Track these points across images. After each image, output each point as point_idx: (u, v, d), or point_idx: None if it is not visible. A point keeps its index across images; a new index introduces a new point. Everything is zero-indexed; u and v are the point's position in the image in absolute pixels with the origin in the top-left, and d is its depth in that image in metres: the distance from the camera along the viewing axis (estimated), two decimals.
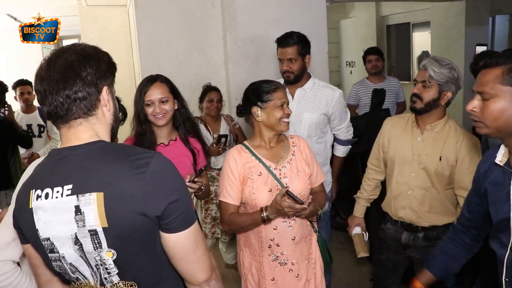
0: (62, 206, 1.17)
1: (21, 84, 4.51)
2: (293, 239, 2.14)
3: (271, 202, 2.01)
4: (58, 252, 1.22)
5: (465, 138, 2.24)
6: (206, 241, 3.56)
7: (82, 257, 1.22)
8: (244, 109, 2.19)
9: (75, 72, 1.17)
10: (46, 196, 1.18)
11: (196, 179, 2.09)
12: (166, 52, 4.15)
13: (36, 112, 4.62)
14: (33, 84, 1.27)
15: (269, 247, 2.13)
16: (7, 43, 7.72)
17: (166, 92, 2.23)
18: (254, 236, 2.14)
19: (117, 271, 1.23)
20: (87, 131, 1.22)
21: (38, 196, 1.19)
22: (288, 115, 2.12)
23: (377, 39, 8.83)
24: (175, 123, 2.33)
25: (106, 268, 1.22)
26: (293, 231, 2.14)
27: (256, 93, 2.11)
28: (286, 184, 2.10)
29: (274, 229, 2.10)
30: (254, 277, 2.17)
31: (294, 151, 2.20)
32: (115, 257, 1.20)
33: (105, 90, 1.23)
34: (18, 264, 1.60)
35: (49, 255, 1.24)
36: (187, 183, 1.92)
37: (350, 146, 3.12)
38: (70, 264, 1.23)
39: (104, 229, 1.16)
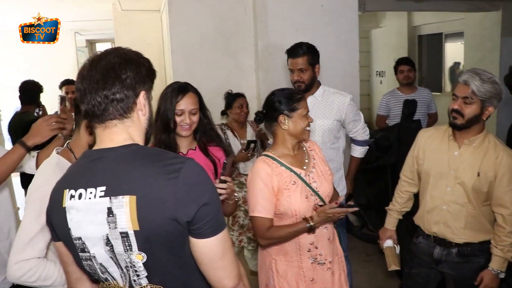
0: (94, 207, 1.18)
1: (67, 83, 4.61)
2: (328, 239, 2.19)
3: (318, 212, 2.03)
4: (89, 252, 1.24)
5: (505, 154, 2.16)
6: None
7: (112, 258, 1.23)
8: (267, 117, 2.18)
9: (116, 73, 1.20)
10: (80, 196, 1.20)
11: (223, 177, 1.93)
12: (198, 57, 4.19)
13: None
14: None
15: (308, 251, 2.14)
16: (43, 45, 7.94)
17: (196, 103, 2.16)
18: (291, 244, 2.13)
19: (146, 274, 1.23)
20: (121, 133, 1.24)
21: (72, 196, 1.21)
22: (309, 124, 2.16)
23: (408, 49, 8.71)
24: (195, 132, 2.25)
25: (136, 271, 1.23)
26: (328, 232, 2.19)
27: (284, 102, 2.11)
28: (317, 188, 2.13)
29: (313, 233, 2.12)
30: (291, 284, 2.15)
31: (313, 155, 2.24)
32: (144, 260, 1.20)
33: (142, 94, 1.25)
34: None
35: (80, 254, 1.25)
36: (216, 185, 1.86)
37: (367, 147, 3.16)
38: (100, 264, 1.25)
39: (135, 232, 1.17)
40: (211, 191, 1.24)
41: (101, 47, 9.87)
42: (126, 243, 1.19)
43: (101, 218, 1.18)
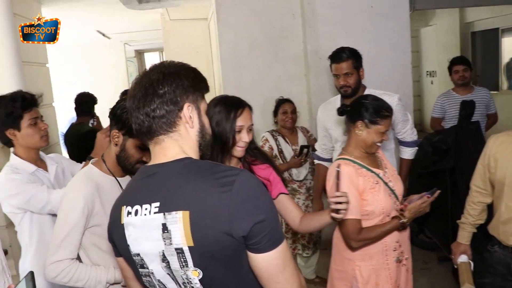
0: (150, 223, 1.18)
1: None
2: (408, 236, 2.24)
3: (409, 209, 2.07)
4: (147, 268, 1.23)
5: None
6: None
7: (169, 275, 1.21)
8: (350, 115, 2.17)
9: (154, 90, 1.19)
10: (136, 213, 1.20)
11: (341, 191, 1.76)
12: (247, 64, 4.20)
13: None
14: None
15: (394, 250, 2.13)
16: (95, 57, 8.24)
17: (252, 119, 1.90)
18: (376, 245, 2.11)
19: None
20: (172, 147, 1.22)
21: (129, 213, 1.22)
22: (382, 140, 2.15)
23: (460, 47, 8.40)
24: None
25: (192, 287, 1.20)
26: (407, 229, 2.20)
27: (370, 112, 2.09)
28: (393, 187, 2.14)
29: (404, 230, 2.14)
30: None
31: (381, 157, 2.25)
32: (200, 276, 1.18)
33: (186, 107, 1.21)
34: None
35: (140, 270, 1.26)
36: (333, 199, 1.71)
37: (417, 148, 3.07)
38: (159, 280, 1.24)
39: (190, 248, 1.15)
40: (267, 204, 1.19)
41: (149, 57, 10.14)
42: (182, 259, 1.17)
43: (157, 234, 1.17)
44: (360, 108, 2.11)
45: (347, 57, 2.78)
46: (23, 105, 2.10)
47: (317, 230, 3.55)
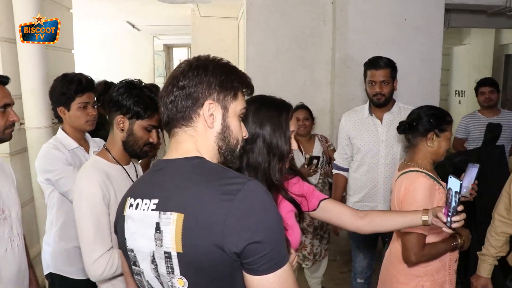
0: (146, 220, 1.12)
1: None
2: None
3: (468, 234, 2.04)
4: (139, 266, 1.18)
5: None
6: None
7: (157, 278, 1.15)
8: (414, 130, 2.10)
9: (176, 81, 1.15)
10: (136, 206, 1.16)
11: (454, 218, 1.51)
12: (273, 66, 4.16)
13: None
14: None
15: (456, 261, 2.10)
16: (123, 47, 8.31)
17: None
18: (442, 259, 2.06)
19: None
20: (185, 142, 1.16)
21: (131, 205, 1.17)
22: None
23: (492, 69, 8.20)
24: None
25: None
26: None
27: (436, 121, 2.05)
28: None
29: (461, 249, 2.11)
30: None
31: None
32: (186, 286, 1.10)
33: (207, 104, 1.13)
34: None
35: (132, 267, 1.21)
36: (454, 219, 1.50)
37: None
38: (148, 282, 1.18)
39: (178, 254, 1.07)
40: (270, 222, 1.06)
41: (177, 52, 10.20)
42: (169, 265, 1.09)
43: (150, 233, 1.11)
44: (428, 119, 2.06)
45: (386, 65, 2.76)
46: (77, 89, 2.24)
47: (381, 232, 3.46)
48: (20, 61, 3.01)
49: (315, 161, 3.33)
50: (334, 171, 3.12)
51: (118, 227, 1.23)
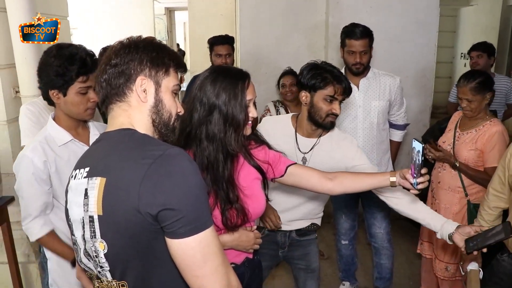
0: (79, 188, 1.16)
1: None
2: None
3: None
4: (74, 235, 1.21)
5: None
6: None
7: (85, 245, 1.17)
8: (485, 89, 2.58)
9: (109, 60, 1.20)
10: (74, 176, 1.20)
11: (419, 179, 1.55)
12: (266, 32, 4.14)
13: None
14: None
15: None
16: (122, 11, 8.24)
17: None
18: None
19: (108, 267, 1.15)
20: (118, 116, 1.21)
21: (71, 176, 1.23)
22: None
23: (499, 31, 8.01)
24: None
25: (100, 261, 1.15)
26: None
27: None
28: None
29: None
30: None
31: None
32: (106, 250, 1.12)
33: (139, 80, 1.18)
34: None
35: (71, 237, 1.24)
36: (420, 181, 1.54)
37: (405, 131, 3.14)
38: (80, 251, 1.21)
39: (99, 217, 1.10)
40: (187, 191, 1.06)
41: (179, 15, 10.07)
42: (92, 229, 1.12)
43: (80, 200, 1.15)
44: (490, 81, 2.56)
45: (366, 35, 2.76)
46: (79, 71, 1.76)
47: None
48: (12, 29, 3.04)
49: None
50: None
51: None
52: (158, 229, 1.07)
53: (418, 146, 1.52)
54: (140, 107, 1.21)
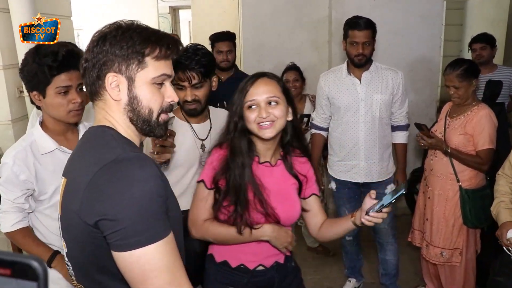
0: (60, 187, 1.17)
1: None
2: None
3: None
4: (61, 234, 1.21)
5: None
6: None
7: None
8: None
9: (79, 57, 1.16)
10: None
11: (372, 214, 1.52)
12: (269, 28, 4.13)
13: None
14: None
15: None
16: (126, 10, 8.25)
17: (276, 91, 1.58)
18: None
19: (71, 267, 1.14)
20: (98, 115, 1.15)
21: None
22: None
23: (508, 24, 7.92)
24: (284, 139, 1.69)
25: (67, 260, 1.15)
26: None
27: None
28: None
29: None
30: None
31: None
32: (66, 250, 1.12)
33: (108, 77, 1.08)
34: None
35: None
36: (370, 215, 1.52)
37: (408, 132, 3.05)
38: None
39: (60, 217, 1.11)
40: (128, 198, 0.96)
41: (184, 14, 10.06)
42: (60, 228, 1.13)
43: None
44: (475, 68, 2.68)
45: (369, 26, 2.76)
46: (51, 66, 1.61)
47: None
48: (15, 29, 3.05)
49: (305, 119, 3.37)
50: (313, 131, 3.15)
51: None
52: (102, 237, 0.99)
53: (401, 189, 1.48)
54: (115, 105, 1.11)
